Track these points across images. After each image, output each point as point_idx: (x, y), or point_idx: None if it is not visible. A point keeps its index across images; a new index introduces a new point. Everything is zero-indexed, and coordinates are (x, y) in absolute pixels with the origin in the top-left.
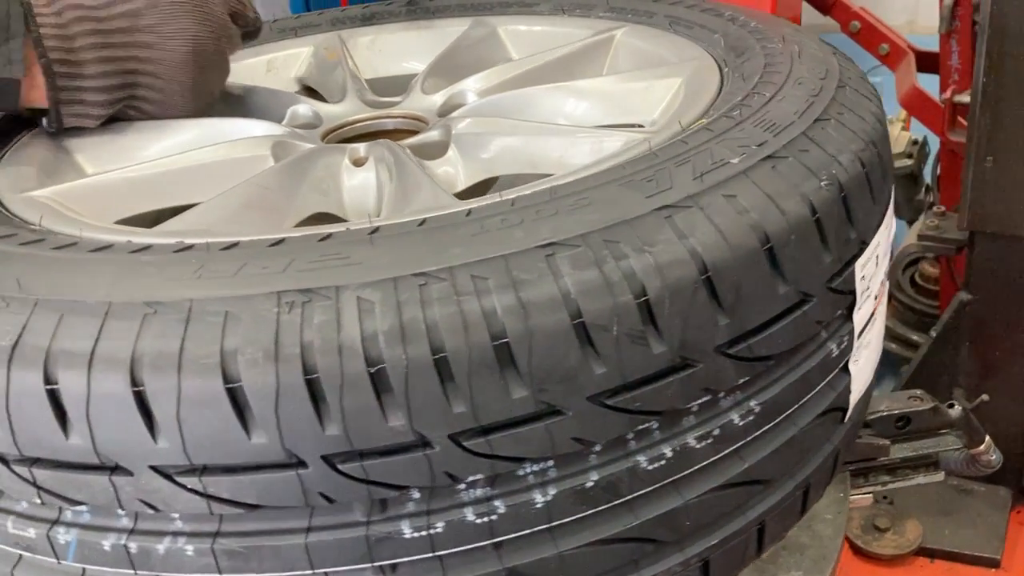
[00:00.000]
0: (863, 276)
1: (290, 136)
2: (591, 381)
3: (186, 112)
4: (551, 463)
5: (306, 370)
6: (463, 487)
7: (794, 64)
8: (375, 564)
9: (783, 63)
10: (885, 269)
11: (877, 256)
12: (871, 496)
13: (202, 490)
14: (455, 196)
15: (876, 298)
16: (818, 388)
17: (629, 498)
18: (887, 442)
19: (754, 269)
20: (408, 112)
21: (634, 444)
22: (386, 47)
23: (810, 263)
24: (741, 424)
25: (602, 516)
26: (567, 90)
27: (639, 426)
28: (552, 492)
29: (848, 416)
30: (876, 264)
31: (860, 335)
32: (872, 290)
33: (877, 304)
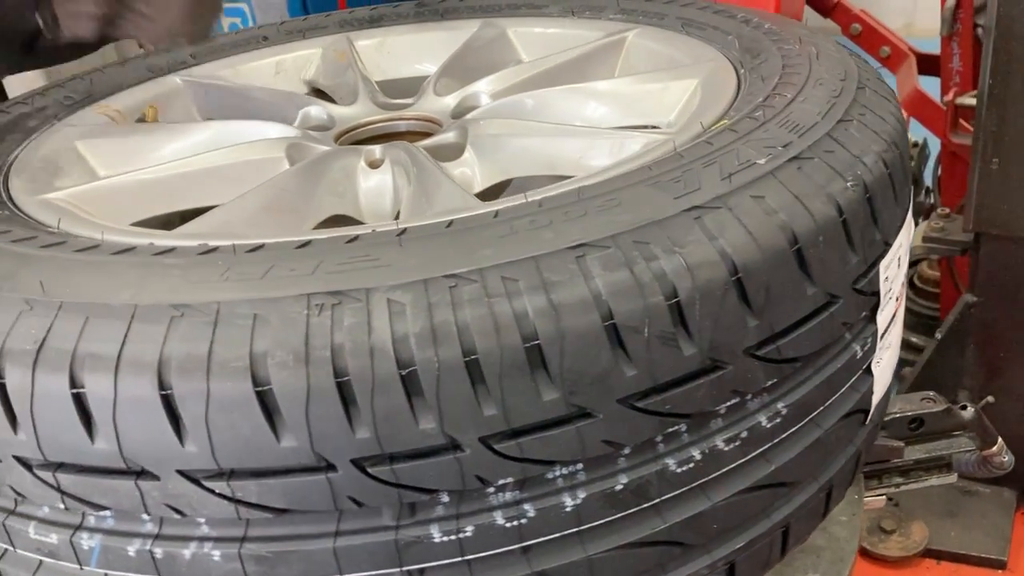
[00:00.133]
0: (887, 277)
1: (304, 138)
2: (622, 383)
3: (179, 35)
4: (580, 466)
5: (337, 373)
6: (492, 491)
7: (813, 65)
8: (404, 569)
9: (802, 64)
10: (905, 270)
11: (899, 257)
12: (884, 498)
13: (230, 494)
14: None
15: (897, 299)
16: (843, 390)
17: (657, 501)
18: (901, 444)
19: (783, 270)
20: (421, 114)
21: (663, 447)
22: (394, 49)
23: (837, 264)
24: (769, 426)
25: (631, 519)
26: (582, 92)
27: (668, 429)
28: (582, 495)
29: (870, 418)
30: (898, 265)
31: (883, 336)
32: (894, 291)
33: (898, 305)
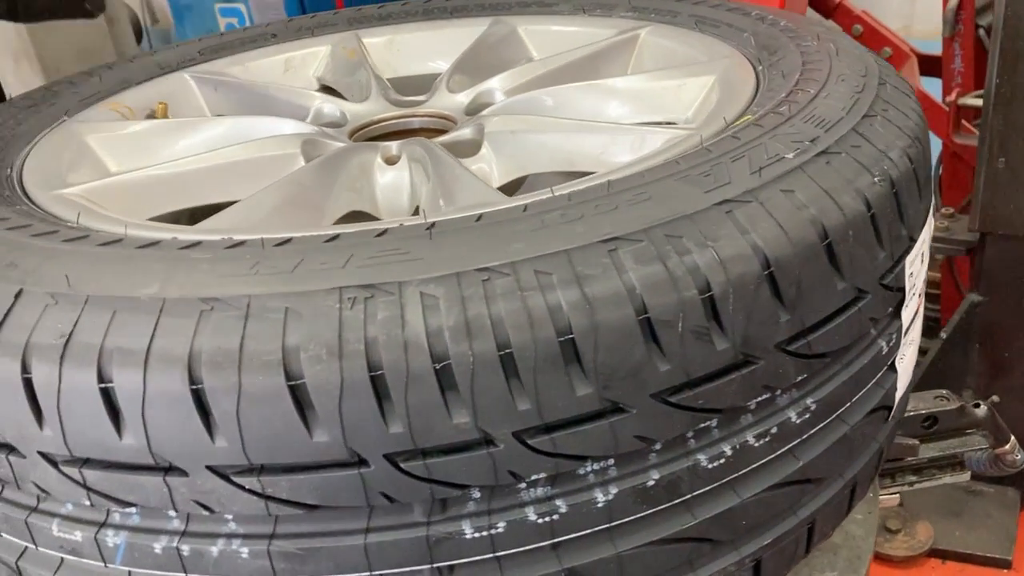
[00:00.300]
0: (911, 273)
1: (319, 135)
2: (655, 378)
3: None
4: (612, 462)
5: (370, 366)
6: (524, 486)
7: (833, 62)
8: (434, 565)
9: (822, 61)
10: (927, 267)
11: (922, 253)
12: (898, 496)
13: (260, 490)
14: None
15: (919, 296)
16: (868, 386)
17: (688, 497)
18: (916, 442)
19: (814, 264)
20: (434, 111)
21: (693, 442)
22: (404, 47)
23: (865, 259)
24: (797, 422)
25: (661, 516)
26: (599, 89)
27: (700, 424)
28: (614, 491)
29: (892, 414)
30: (921, 261)
31: (906, 332)
32: (917, 287)
33: (920, 302)
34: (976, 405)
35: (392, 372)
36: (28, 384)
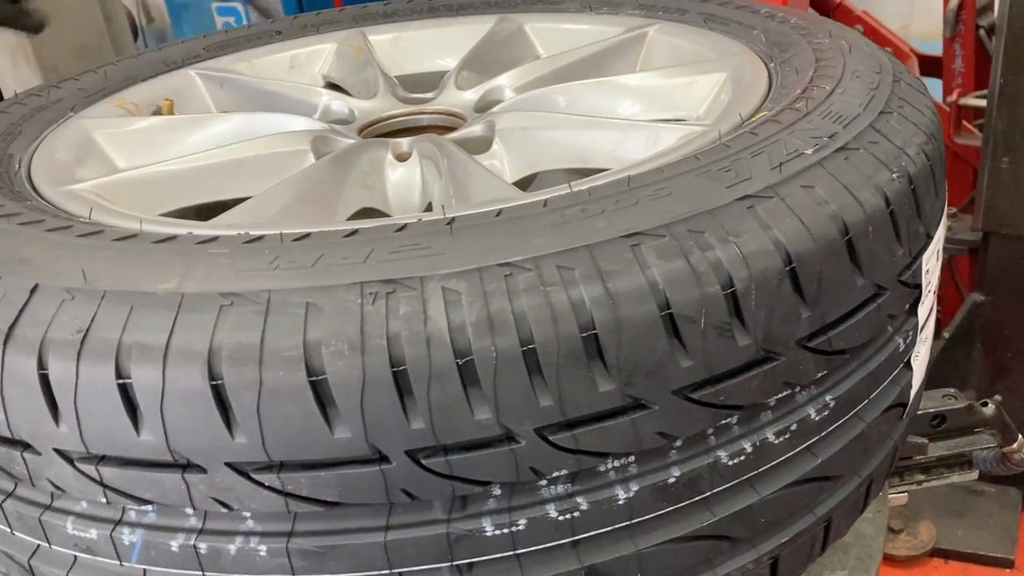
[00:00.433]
0: (927, 270)
1: (329, 131)
2: (678, 374)
3: None
4: (632, 459)
5: (393, 362)
6: (545, 483)
7: (847, 58)
8: (454, 563)
9: (835, 58)
10: (940, 265)
11: (937, 251)
12: (906, 495)
13: (280, 487)
14: None
15: (933, 293)
16: (885, 383)
17: (708, 495)
18: (925, 440)
19: (835, 260)
20: (443, 108)
21: (714, 440)
22: (410, 44)
23: (885, 256)
24: (817, 419)
25: (681, 513)
26: (609, 86)
27: (720, 421)
28: (635, 488)
29: (907, 411)
30: (936, 258)
31: (922, 329)
32: (932, 284)
33: (934, 300)
34: (984, 404)
35: (414, 368)
36: (44, 380)
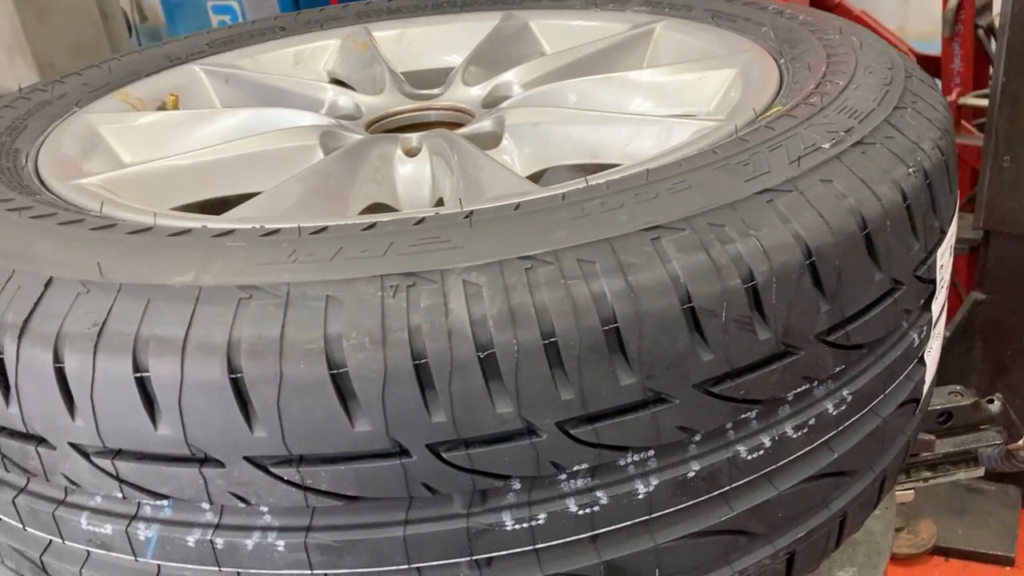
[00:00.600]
0: (941, 265)
1: (337, 127)
2: (698, 368)
3: None
4: (652, 453)
5: (414, 355)
6: (565, 477)
7: (859, 54)
8: (473, 558)
9: (847, 53)
10: (952, 260)
11: (951, 246)
12: (912, 492)
13: (299, 482)
14: None
15: (946, 289)
16: (900, 378)
17: (726, 489)
18: (933, 437)
19: (854, 255)
20: (451, 104)
21: (733, 434)
22: (414, 40)
23: (901, 250)
24: (834, 414)
25: (700, 508)
26: (618, 81)
27: (740, 415)
28: (654, 483)
29: (920, 407)
30: (949, 254)
31: (935, 325)
32: (945, 280)
33: (946, 295)
34: (990, 400)
35: (436, 361)
36: (60, 374)
